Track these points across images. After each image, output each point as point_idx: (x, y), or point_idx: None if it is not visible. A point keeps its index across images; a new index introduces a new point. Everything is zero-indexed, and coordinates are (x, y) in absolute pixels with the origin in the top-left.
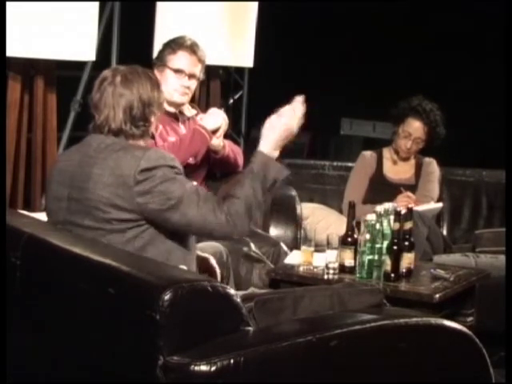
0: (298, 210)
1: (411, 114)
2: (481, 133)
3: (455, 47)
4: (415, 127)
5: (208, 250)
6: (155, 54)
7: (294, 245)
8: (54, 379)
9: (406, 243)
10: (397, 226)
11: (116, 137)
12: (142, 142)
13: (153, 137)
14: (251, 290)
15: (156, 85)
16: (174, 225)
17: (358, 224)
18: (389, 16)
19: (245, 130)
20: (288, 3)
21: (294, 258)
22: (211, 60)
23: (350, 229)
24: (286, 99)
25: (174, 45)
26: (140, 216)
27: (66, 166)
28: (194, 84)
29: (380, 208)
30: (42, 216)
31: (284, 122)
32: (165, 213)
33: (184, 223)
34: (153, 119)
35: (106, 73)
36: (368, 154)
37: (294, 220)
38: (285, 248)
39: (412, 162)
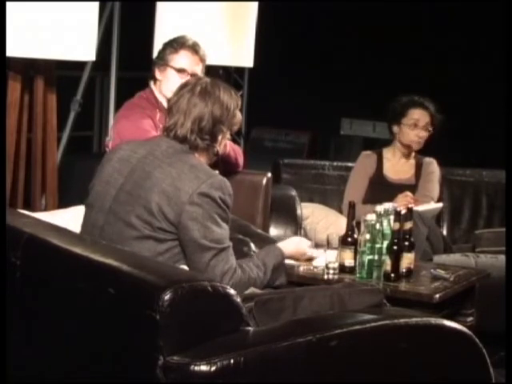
0: (298, 210)
1: (410, 106)
2: (481, 132)
3: (455, 48)
4: (421, 114)
5: None
6: (155, 53)
7: None
8: (54, 379)
9: (406, 243)
10: (397, 225)
11: (181, 143)
12: (205, 157)
13: (217, 154)
14: (251, 290)
15: (234, 104)
16: (189, 256)
17: (358, 224)
18: (389, 16)
19: (245, 129)
20: (288, 3)
21: None
22: (211, 60)
23: (350, 229)
24: (286, 99)
25: (176, 44)
26: (176, 231)
27: (129, 156)
28: None
29: (380, 208)
30: (42, 216)
31: (303, 250)
32: (193, 245)
33: (197, 264)
34: (220, 137)
35: (191, 79)
36: (368, 154)
37: (294, 220)
38: None
39: (412, 161)
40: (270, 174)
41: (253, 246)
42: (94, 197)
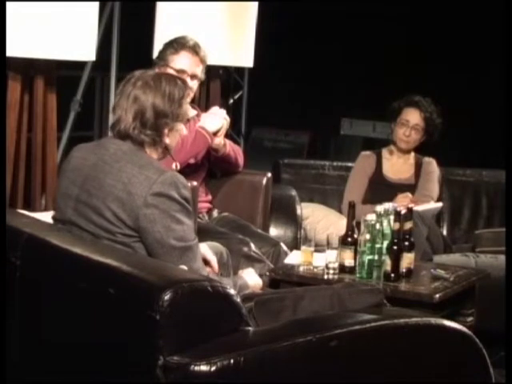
0: (298, 210)
1: (406, 105)
2: (481, 133)
3: (455, 47)
4: (412, 114)
5: None
6: (155, 53)
7: (294, 245)
8: (54, 379)
9: (406, 243)
10: (397, 225)
11: (124, 140)
12: (155, 152)
13: (167, 148)
14: (251, 290)
15: (178, 94)
16: (155, 258)
17: (358, 224)
18: (389, 16)
19: (245, 129)
20: (288, 3)
21: (293, 257)
22: (211, 60)
23: (350, 229)
24: (286, 99)
25: (177, 45)
26: (138, 235)
27: (81, 165)
28: (195, 84)
29: (380, 208)
30: (42, 216)
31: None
32: (157, 247)
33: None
34: (166, 130)
35: (135, 73)
36: (367, 154)
37: (294, 220)
38: (285, 248)
39: (411, 161)
40: (269, 174)
41: (253, 245)
42: (57, 211)
